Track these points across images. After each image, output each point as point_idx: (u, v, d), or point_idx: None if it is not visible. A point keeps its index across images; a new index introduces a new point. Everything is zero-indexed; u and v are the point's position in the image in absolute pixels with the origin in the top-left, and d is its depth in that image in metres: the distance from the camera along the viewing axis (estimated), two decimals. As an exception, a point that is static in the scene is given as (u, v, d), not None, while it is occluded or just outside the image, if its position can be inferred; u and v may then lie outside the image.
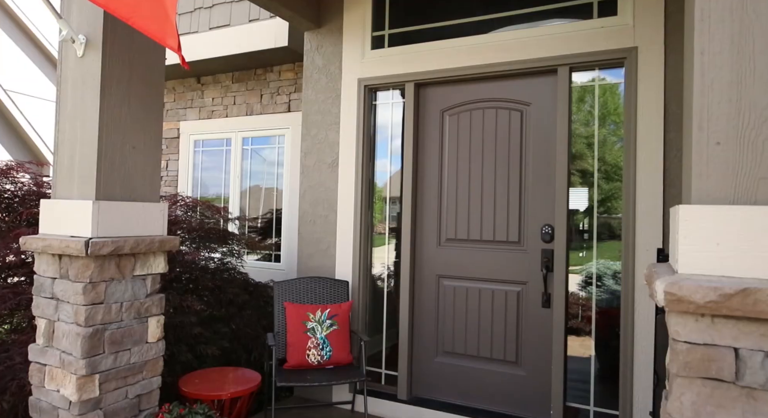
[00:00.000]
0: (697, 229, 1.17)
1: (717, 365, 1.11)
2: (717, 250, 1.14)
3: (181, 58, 1.79)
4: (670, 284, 1.12)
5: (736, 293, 1.06)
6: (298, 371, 3.24)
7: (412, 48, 3.61)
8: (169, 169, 6.44)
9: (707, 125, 1.18)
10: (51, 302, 2.24)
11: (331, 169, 3.89)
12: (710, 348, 1.12)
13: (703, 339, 1.13)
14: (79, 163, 2.21)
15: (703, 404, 1.12)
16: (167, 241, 2.42)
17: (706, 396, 1.12)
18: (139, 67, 2.32)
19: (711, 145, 1.18)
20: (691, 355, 1.13)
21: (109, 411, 2.21)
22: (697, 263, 1.16)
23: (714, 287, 1.08)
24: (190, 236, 4.21)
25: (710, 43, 1.18)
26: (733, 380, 1.10)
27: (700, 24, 1.20)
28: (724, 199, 1.16)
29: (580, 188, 3.17)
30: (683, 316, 1.14)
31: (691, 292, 1.10)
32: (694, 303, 1.09)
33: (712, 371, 1.12)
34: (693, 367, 1.13)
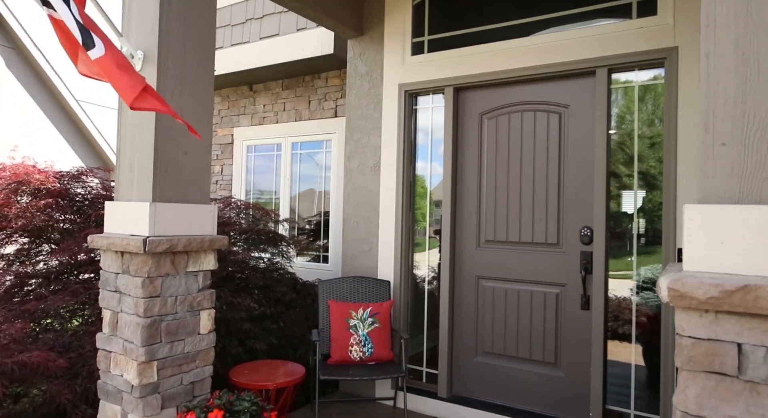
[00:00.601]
0: (701, 227, 1.20)
1: (720, 359, 1.14)
2: (721, 248, 1.17)
3: None
4: (673, 280, 1.16)
5: (737, 289, 1.09)
6: (341, 366, 3.37)
7: (450, 53, 3.68)
8: (224, 173, 6.77)
9: (713, 127, 1.21)
10: (115, 295, 2.48)
11: (374, 172, 4.01)
12: (714, 343, 1.15)
13: (707, 334, 1.16)
14: (138, 169, 2.44)
15: (707, 397, 1.15)
16: (217, 240, 2.61)
17: (710, 389, 1.15)
18: (190, 79, 2.53)
19: (716, 146, 1.20)
20: (695, 349, 1.17)
21: (167, 395, 2.42)
22: (702, 261, 1.19)
23: (716, 283, 1.11)
24: (242, 236, 4.45)
25: (716, 46, 1.21)
26: (737, 375, 1.13)
27: (705, 29, 1.23)
28: (729, 199, 1.19)
29: (619, 190, 3.14)
30: (687, 312, 1.17)
31: (693, 288, 1.13)
32: (696, 299, 1.13)
33: (716, 365, 1.15)
34: (697, 361, 1.16)
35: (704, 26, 1.23)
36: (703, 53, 1.23)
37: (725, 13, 1.20)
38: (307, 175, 5.90)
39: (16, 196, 3.87)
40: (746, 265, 1.14)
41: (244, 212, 4.61)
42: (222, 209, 4.61)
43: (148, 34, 2.41)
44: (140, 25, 2.45)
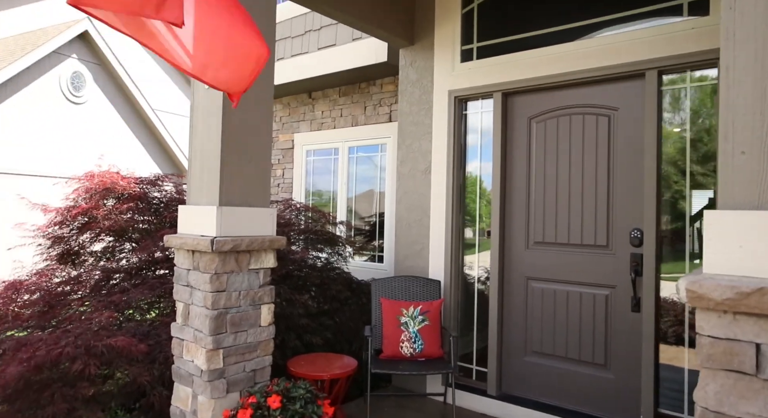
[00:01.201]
0: (720, 232, 1.26)
1: (739, 358, 1.20)
2: (739, 252, 1.22)
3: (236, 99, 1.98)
4: (691, 282, 1.23)
5: (753, 291, 1.14)
6: (392, 361, 3.53)
7: (499, 59, 3.75)
8: (285, 177, 7.12)
9: (732, 136, 1.26)
10: (186, 289, 2.76)
11: (424, 176, 4.15)
12: (732, 343, 1.21)
13: (725, 334, 1.21)
14: (207, 176, 2.71)
15: (727, 394, 1.21)
16: (276, 240, 2.84)
17: (729, 387, 1.21)
18: (251, 94, 2.77)
19: (736, 154, 1.25)
20: (714, 348, 1.23)
21: (231, 381, 2.67)
22: (721, 264, 1.24)
23: (732, 285, 1.17)
24: (300, 237, 4.71)
25: (735, 59, 1.26)
26: (755, 373, 1.18)
27: (725, 42, 1.28)
28: (747, 205, 1.23)
29: (671, 192, 3.11)
30: (706, 312, 1.24)
31: (710, 290, 1.20)
32: (713, 300, 1.19)
33: (734, 364, 1.20)
34: (716, 359, 1.22)
35: (724, 40, 1.29)
36: (722, 65, 1.29)
37: (745, 27, 1.25)
38: (363, 178, 6.10)
39: (103, 200, 4.31)
40: (764, 268, 1.19)
41: (303, 213, 4.88)
42: (282, 210, 4.90)
43: (216, 54, 2.67)
44: (209, 46, 2.72)
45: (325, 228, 4.90)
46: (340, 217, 6.12)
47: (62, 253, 4.31)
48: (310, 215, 4.99)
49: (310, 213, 4.98)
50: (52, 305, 3.64)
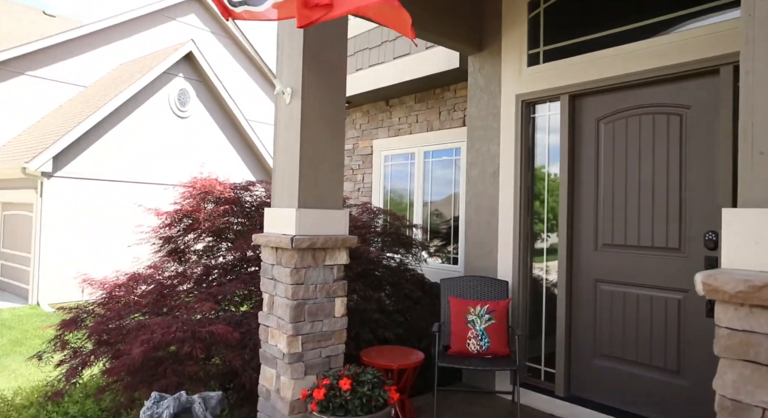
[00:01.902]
0: (737, 229, 1.33)
1: (755, 349, 1.27)
2: (756, 248, 1.29)
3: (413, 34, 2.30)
4: (707, 275, 1.32)
5: (765, 285, 1.22)
6: (459, 357, 3.70)
7: (565, 62, 3.80)
8: (364, 181, 7.48)
9: (751, 137, 1.32)
10: (271, 282, 3.12)
11: (493, 178, 4.27)
12: (748, 334, 1.28)
13: (741, 326, 1.29)
14: (287, 182, 3.05)
15: (744, 383, 1.29)
16: (348, 239, 3.13)
17: (746, 377, 1.28)
18: (326, 108, 3.08)
19: (755, 154, 1.32)
20: (731, 339, 1.31)
21: (309, 364, 2.99)
22: (738, 259, 1.31)
23: (744, 279, 1.25)
24: (376, 238, 5.00)
25: (754, 64, 1.32)
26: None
27: (744, 47, 1.35)
28: (765, 203, 1.30)
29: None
30: (724, 305, 1.32)
31: (724, 283, 1.28)
32: (726, 293, 1.28)
33: (750, 354, 1.28)
34: (732, 350, 1.30)
35: (743, 45, 1.36)
36: (742, 70, 1.36)
37: (764, 33, 1.32)
38: (439, 181, 6.29)
39: (203, 204, 4.86)
40: None
41: (378, 216, 5.16)
42: (360, 213, 5.22)
43: (294, 74, 3.02)
44: (289, 69, 3.07)
45: (400, 231, 5.14)
46: (417, 219, 6.35)
47: (171, 250, 4.90)
48: (385, 217, 5.26)
49: (384, 216, 5.26)
50: (163, 294, 4.20)
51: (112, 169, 11.83)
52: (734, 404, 1.30)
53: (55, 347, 3.92)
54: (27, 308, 10.45)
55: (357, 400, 2.67)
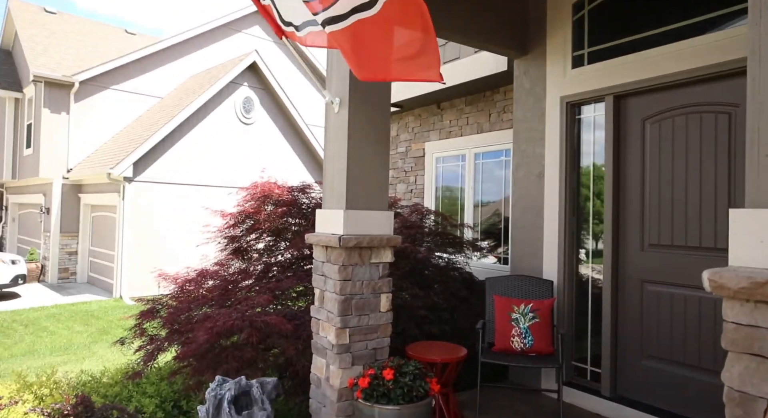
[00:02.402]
0: (743, 229, 1.40)
1: (759, 343, 1.34)
2: (761, 246, 1.36)
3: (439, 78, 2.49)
4: (713, 272, 1.41)
5: (767, 281, 1.30)
6: (503, 354, 3.80)
7: (609, 63, 3.81)
8: (417, 183, 7.65)
9: (758, 141, 1.39)
10: (321, 278, 3.37)
11: (538, 180, 4.33)
12: (753, 329, 1.35)
13: (747, 321, 1.36)
14: (336, 184, 3.30)
15: (750, 376, 1.36)
16: (393, 238, 3.33)
17: (752, 370, 1.36)
18: (372, 115, 3.30)
19: (761, 157, 1.39)
20: (737, 333, 1.38)
21: (356, 355, 3.21)
22: (744, 257, 1.39)
23: (747, 276, 1.33)
24: (425, 238, 5.16)
25: (760, 71, 1.39)
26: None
27: (751, 55, 1.41)
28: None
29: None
30: (730, 301, 1.40)
31: (728, 280, 1.37)
32: (730, 289, 1.36)
33: (755, 348, 1.35)
34: (738, 344, 1.38)
35: (750, 53, 1.43)
36: (749, 77, 1.43)
37: None
38: (489, 182, 6.37)
39: (263, 205, 5.22)
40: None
41: (427, 217, 5.32)
42: (409, 214, 5.40)
43: (342, 85, 3.26)
44: (338, 81, 3.32)
45: (447, 230, 5.28)
46: (468, 220, 6.45)
47: (234, 249, 5.29)
48: (434, 218, 5.42)
49: (433, 216, 5.41)
50: (227, 289, 4.57)
51: (184, 173, 12.68)
52: (741, 396, 1.38)
53: (135, 335, 4.39)
54: (112, 301, 11.44)
55: (399, 389, 2.86)
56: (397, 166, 8.04)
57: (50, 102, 13.51)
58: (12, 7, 16.03)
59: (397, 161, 8.05)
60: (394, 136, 8.09)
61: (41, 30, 15.59)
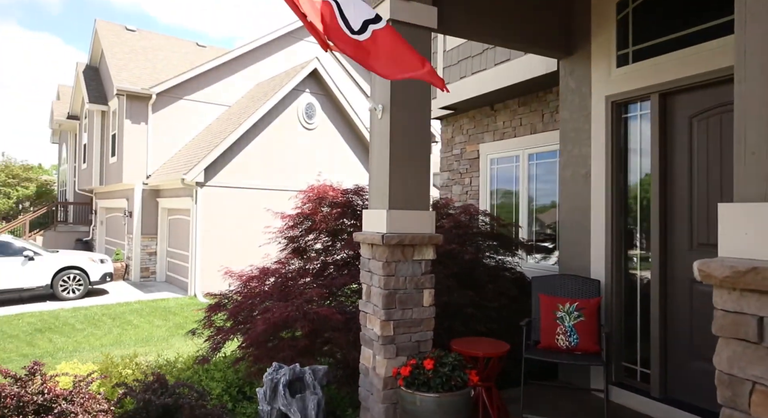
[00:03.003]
0: (731, 222, 1.48)
1: (744, 328, 1.42)
2: (746, 238, 1.43)
3: (442, 87, 2.89)
4: (701, 263, 1.49)
5: (748, 270, 1.37)
6: (547, 351, 3.86)
7: (654, 60, 3.79)
8: (471, 185, 7.74)
9: (744, 139, 1.46)
10: (368, 274, 3.60)
11: (585, 180, 4.34)
12: (739, 316, 1.43)
13: (733, 307, 1.44)
14: (380, 186, 3.51)
15: (737, 360, 1.44)
16: (434, 237, 3.50)
17: (739, 354, 1.44)
18: (412, 120, 3.49)
19: (747, 154, 1.45)
20: (725, 320, 1.47)
21: (400, 347, 3.41)
22: (731, 249, 1.46)
23: (731, 265, 1.41)
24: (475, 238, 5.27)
25: (746, 72, 1.46)
26: (758, 342, 1.39)
27: (738, 58, 1.48)
28: (755, 198, 1.43)
29: None
30: (719, 289, 1.48)
31: (714, 269, 1.45)
32: (717, 278, 1.45)
33: (741, 333, 1.43)
34: (726, 329, 1.46)
35: (737, 56, 1.51)
36: (736, 79, 1.51)
37: (753, 45, 1.46)
38: (542, 182, 6.37)
39: (320, 207, 5.53)
40: (764, 251, 1.39)
41: (474, 217, 5.42)
42: (459, 213, 5.53)
43: (384, 93, 3.47)
44: (380, 89, 3.53)
45: (495, 230, 5.37)
46: (522, 220, 6.48)
47: (294, 249, 5.64)
48: (481, 218, 5.51)
49: (481, 216, 5.51)
50: (287, 286, 4.91)
51: (249, 177, 13.39)
52: (730, 378, 1.46)
53: (204, 326, 4.81)
54: (187, 299, 12.30)
55: (438, 378, 3.03)
56: (452, 168, 8.16)
57: (131, 113, 14.69)
58: (99, 28, 17.56)
59: (452, 163, 8.17)
60: (449, 138, 8.22)
61: (123, 47, 16.97)
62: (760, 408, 1.35)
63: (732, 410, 1.44)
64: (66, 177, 23.93)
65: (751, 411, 1.38)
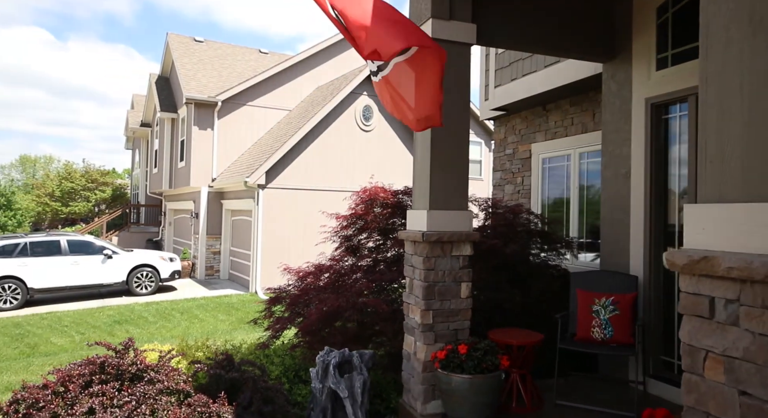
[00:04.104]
0: (692, 219, 1.72)
1: (700, 307, 1.65)
2: (703, 232, 1.65)
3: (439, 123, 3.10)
4: (668, 253, 1.73)
5: (700, 259, 1.60)
6: (582, 342, 4.04)
7: (693, 63, 3.88)
8: (524, 184, 7.86)
9: (705, 149, 1.67)
10: (410, 268, 3.91)
11: (625, 179, 4.46)
12: (696, 296, 1.67)
13: (692, 290, 1.68)
14: (422, 188, 3.82)
15: (695, 333, 1.67)
16: (471, 234, 3.77)
17: (696, 328, 1.67)
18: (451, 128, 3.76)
19: (707, 162, 1.67)
20: (686, 300, 1.70)
21: (438, 334, 3.70)
22: (693, 242, 1.70)
23: (688, 255, 1.65)
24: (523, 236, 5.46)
25: (706, 95, 1.68)
26: (710, 318, 1.62)
27: (701, 82, 1.71)
28: (711, 200, 1.66)
29: None
30: (683, 275, 1.72)
31: (676, 258, 1.69)
32: (678, 266, 1.68)
33: (698, 310, 1.66)
34: (687, 308, 1.69)
35: (700, 80, 1.73)
36: (700, 99, 1.74)
37: (711, 75, 1.68)
38: (593, 180, 6.44)
39: (372, 208, 5.89)
40: (717, 244, 1.62)
41: (518, 216, 5.61)
42: (505, 211, 5.73)
43: (426, 101, 3.78)
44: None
45: (538, 228, 5.54)
46: (573, 218, 6.58)
47: (348, 247, 6.03)
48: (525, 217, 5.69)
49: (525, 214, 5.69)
50: (339, 280, 5.31)
51: (308, 179, 14.03)
52: (689, 348, 1.69)
53: (264, 316, 5.30)
54: (248, 295, 13.07)
55: (471, 362, 3.31)
56: (504, 167, 8.33)
57: (198, 120, 15.73)
58: (170, 41, 18.85)
59: (504, 163, 8.34)
60: (501, 138, 8.39)
61: (191, 58, 18.15)
62: (712, 372, 1.60)
63: (691, 374, 1.67)
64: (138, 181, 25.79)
65: (705, 374, 1.62)
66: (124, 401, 3.04)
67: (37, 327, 9.38)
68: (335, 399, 3.68)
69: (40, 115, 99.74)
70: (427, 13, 3.72)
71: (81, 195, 29.82)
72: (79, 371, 3.25)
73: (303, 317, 4.83)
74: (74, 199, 29.65)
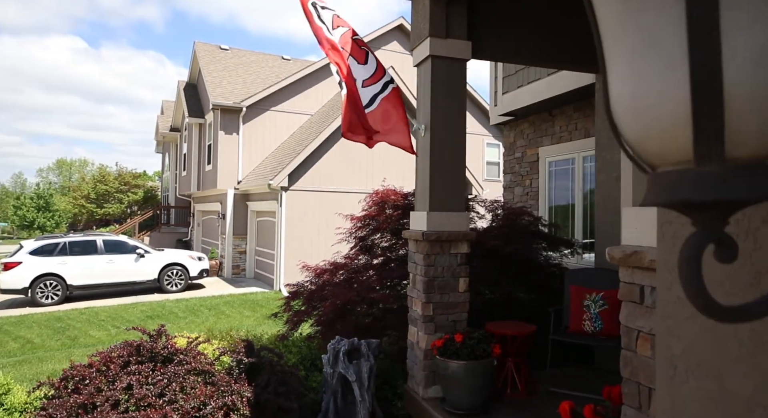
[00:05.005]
0: (628, 220, 2.04)
1: (634, 294, 1.99)
2: (635, 231, 1.99)
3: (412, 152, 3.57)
4: (609, 249, 2.07)
5: (632, 253, 1.94)
6: (574, 334, 4.36)
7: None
8: (531, 186, 8.16)
9: (632, 167, 2.01)
10: (413, 265, 4.29)
11: (616, 183, 4.75)
12: (631, 285, 2.00)
13: (628, 280, 2.01)
14: (423, 191, 4.19)
15: (630, 315, 2.01)
16: (468, 234, 4.13)
17: (630, 311, 2.01)
18: (449, 138, 4.13)
19: (637, 173, 2.01)
20: (624, 288, 2.04)
21: (438, 325, 4.07)
22: (628, 239, 2.03)
23: (622, 250, 1.99)
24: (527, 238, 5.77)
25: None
26: (641, 303, 1.96)
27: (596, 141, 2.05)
28: (637, 204, 2.00)
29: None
30: (621, 267, 2.05)
31: (615, 253, 2.03)
32: (616, 259, 2.02)
33: (632, 297, 2.00)
34: (625, 295, 2.03)
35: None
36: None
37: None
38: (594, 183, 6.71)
39: (384, 209, 6.29)
40: (644, 240, 1.95)
41: (520, 217, 5.93)
42: (508, 214, 6.05)
43: (427, 114, 4.16)
44: (423, 111, 4.23)
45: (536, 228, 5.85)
46: (578, 219, 6.87)
47: (362, 247, 6.43)
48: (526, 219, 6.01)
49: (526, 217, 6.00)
50: (353, 277, 5.72)
51: (328, 181, 14.50)
52: (626, 329, 2.02)
53: (284, 310, 5.74)
54: (272, 293, 13.60)
55: (465, 349, 3.67)
56: (514, 170, 8.63)
57: (224, 125, 16.37)
58: (197, 49, 19.60)
59: (514, 166, 8.64)
60: (510, 142, 8.70)
61: (218, 65, 18.85)
62: (642, 348, 1.92)
63: (627, 351, 2.00)
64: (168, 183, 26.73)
65: (637, 351, 1.95)
66: (157, 380, 3.50)
67: (76, 321, 10.06)
68: (345, 383, 4.09)
69: (75, 120, 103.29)
70: (426, 32, 4.10)
71: (114, 197, 31.04)
72: (118, 353, 3.73)
73: (318, 310, 5.25)
74: (108, 201, 30.88)
